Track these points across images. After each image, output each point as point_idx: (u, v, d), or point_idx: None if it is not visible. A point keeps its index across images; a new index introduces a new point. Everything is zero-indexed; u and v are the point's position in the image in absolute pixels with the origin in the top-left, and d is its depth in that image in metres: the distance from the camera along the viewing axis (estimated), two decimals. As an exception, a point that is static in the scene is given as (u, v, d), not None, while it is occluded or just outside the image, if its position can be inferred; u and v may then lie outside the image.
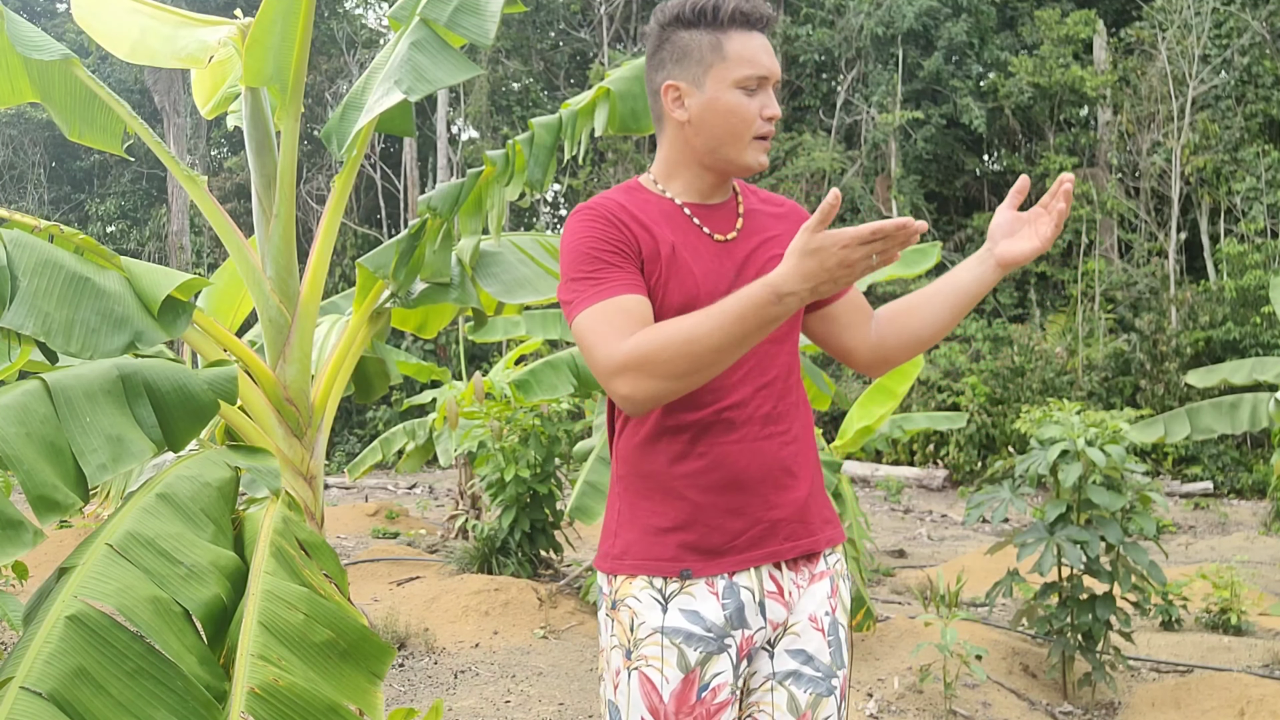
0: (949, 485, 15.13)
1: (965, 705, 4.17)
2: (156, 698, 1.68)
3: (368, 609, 5.78)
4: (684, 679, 1.60)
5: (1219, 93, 18.15)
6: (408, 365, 5.99)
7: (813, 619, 1.69)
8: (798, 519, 1.68)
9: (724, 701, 1.61)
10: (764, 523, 1.65)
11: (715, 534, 1.62)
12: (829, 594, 1.72)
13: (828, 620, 1.70)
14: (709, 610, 1.61)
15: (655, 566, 1.64)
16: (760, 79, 1.63)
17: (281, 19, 2.49)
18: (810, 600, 1.70)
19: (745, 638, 1.63)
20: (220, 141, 25.07)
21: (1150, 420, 8.44)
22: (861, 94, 20.86)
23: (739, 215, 1.72)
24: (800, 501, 1.68)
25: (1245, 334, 15.49)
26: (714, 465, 1.62)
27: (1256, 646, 5.16)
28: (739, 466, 1.63)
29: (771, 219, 1.76)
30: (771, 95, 1.66)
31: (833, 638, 1.70)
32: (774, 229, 1.74)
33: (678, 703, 1.60)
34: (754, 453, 1.64)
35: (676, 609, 1.61)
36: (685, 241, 1.66)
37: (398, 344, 16.20)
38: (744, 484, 1.63)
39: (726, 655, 1.61)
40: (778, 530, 1.66)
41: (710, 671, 1.60)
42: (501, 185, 2.98)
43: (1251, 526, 10.86)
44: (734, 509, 1.63)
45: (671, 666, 1.60)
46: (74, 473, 1.88)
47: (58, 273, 1.99)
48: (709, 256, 1.66)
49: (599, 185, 20.81)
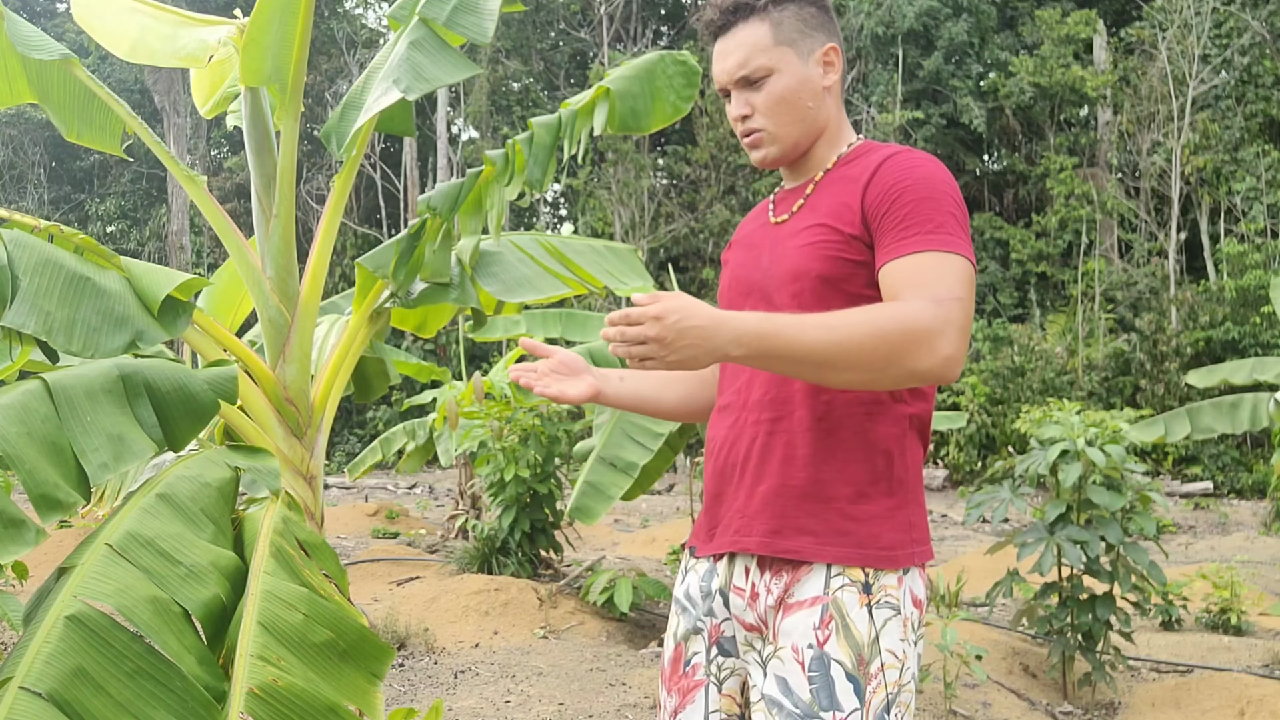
0: (949, 485, 15.13)
1: (965, 705, 4.17)
2: (156, 698, 1.68)
3: (368, 609, 5.78)
4: (676, 648, 1.70)
5: (1219, 93, 18.15)
6: (407, 365, 5.98)
7: (794, 649, 1.50)
8: (758, 513, 1.55)
9: (699, 681, 1.65)
10: (732, 510, 1.61)
11: (709, 514, 1.67)
12: (817, 624, 1.48)
13: (810, 654, 1.48)
14: (693, 587, 1.68)
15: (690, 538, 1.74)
16: (720, 89, 1.68)
17: (279, 18, 2.48)
18: (794, 626, 1.51)
19: (714, 625, 1.65)
20: (220, 141, 25.08)
21: (1150, 420, 8.45)
22: (861, 94, 20.85)
23: (804, 196, 1.66)
24: (769, 495, 1.55)
25: (1245, 334, 15.50)
26: (711, 450, 1.68)
27: (1256, 646, 5.16)
28: (724, 452, 1.64)
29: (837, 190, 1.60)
30: (734, 99, 1.65)
31: (816, 674, 1.47)
32: (825, 207, 1.59)
33: (670, 668, 1.70)
34: (735, 438, 1.62)
35: (684, 581, 1.71)
36: (752, 232, 1.74)
37: (398, 344, 16.20)
38: (726, 470, 1.63)
39: (701, 637, 1.66)
40: (733, 523, 1.59)
41: (691, 649, 1.67)
42: (501, 185, 2.98)
43: (1251, 526, 10.86)
44: (718, 493, 1.65)
45: (672, 634, 1.71)
46: (75, 472, 1.88)
47: (58, 272, 1.99)
48: (762, 240, 1.70)
49: (599, 185, 20.81)
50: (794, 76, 1.61)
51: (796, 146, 1.65)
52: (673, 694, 1.67)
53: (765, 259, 1.64)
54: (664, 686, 1.71)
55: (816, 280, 1.53)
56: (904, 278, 1.43)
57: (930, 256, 1.42)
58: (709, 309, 1.35)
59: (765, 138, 1.63)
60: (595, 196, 20.66)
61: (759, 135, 1.64)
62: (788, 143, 1.64)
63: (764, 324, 1.35)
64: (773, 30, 1.62)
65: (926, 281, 1.41)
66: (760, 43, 1.61)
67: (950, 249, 1.43)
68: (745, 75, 1.62)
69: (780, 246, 1.63)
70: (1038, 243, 19.10)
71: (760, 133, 1.63)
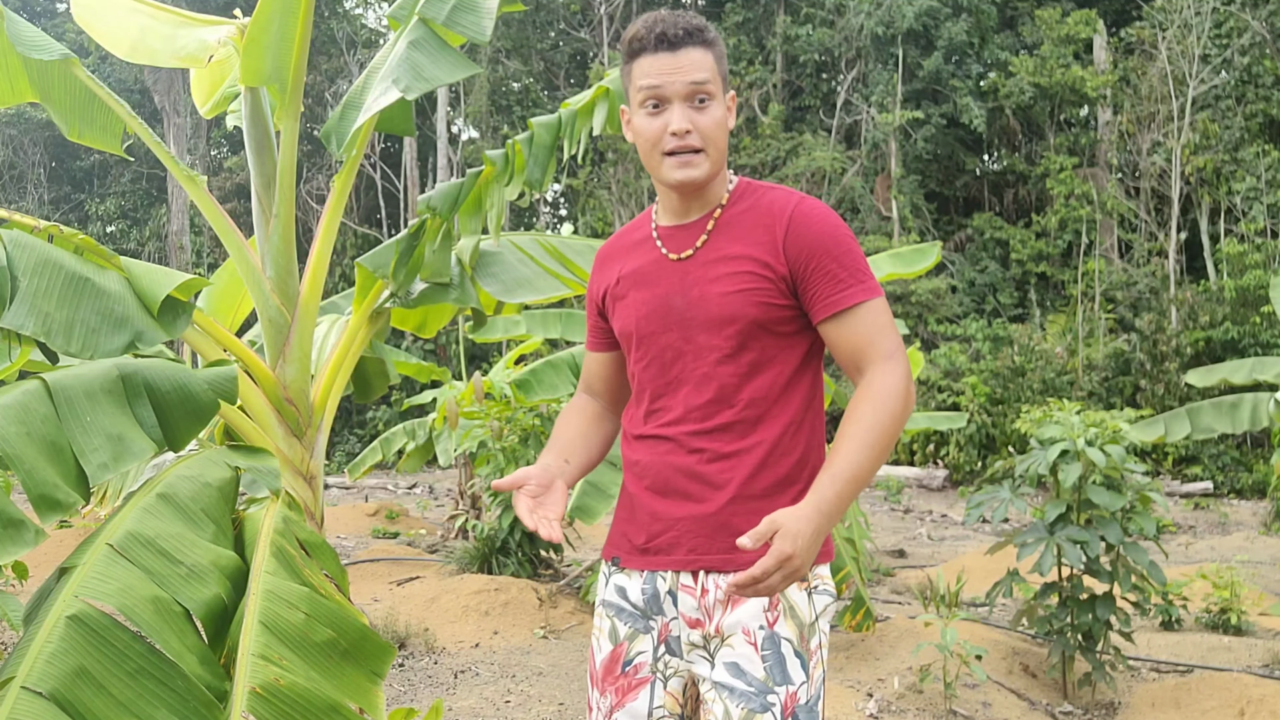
0: (949, 485, 15.14)
1: (965, 705, 4.17)
2: (157, 697, 1.68)
3: (368, 609, 5.78)
4: (612, 650, 1.76)
5: (1219, 93, 18.15)
6: (407, 365, 5.99)
7: (745, 631, 1.65)
8: (705, 534, 1.68)
9: (644, 679, 1.73)
10: (673, 532, 1.71)
11: (640, 532, 1.75)
12: (766, 607, 1.65)
13: (762, 634, 1.65)
14: (633, 591, 1.75)
15: (609, 549, 1.84)
16: (658, 95, 1.67)
17: (279, 18, 2.48)
18: (744, 613, 1.66)
19: (663, 624, 1.73)
20: (220, 141, 25.08)
21: (1150, 420, 8.44)
22: (861, 94, 20.86)
23: (706, 232, 1.72)
24: (707, 518, 1.68)
25: (1245, 334, 15.50)
26: (645, 472, 1.75)
27: (1256, 646, 5.16)
28: (663, 476, 1.72)
29: (742, 233, 1.71)
30: (677, 111, 1.65)
31: (769, 652, 1.64)
32: (736, 248, 1.69)
33: (604, 670, 1.76)
34: (676, 465, 1.71)
35: (613, 585, 1.79)
36: (644, 266, 1.77)
37: (398, 344, 16.20)
38: (665, 492, 1.72)
39: (650, 636, 1.74)
40: (682, 542, 1.70)
41: (635, 649, 1.74)
42: (501, 185, 2.98)
43: (1251, 526, 10.87)
44: (655, 513, 1.73)
45: (604, 637, 1.78)
46: (75, 472, 1.88)
47: (58, 273, 1.99)
48: (665, 276, 1.74)
49: (599, 185, 20.82)
50: (722, 111, 1.70)
51: (711, 177, 1.71)
52: (607, 694, 1.75)
53: (678, 298, 1.72)
54: (595, 687, 1.77)
55: (750, 324, 1.68)
56: (861, 335, 1.66)
57: (867, 307, 1.67)
58: (799, 512, 1.51)
59: (702, 158, 1.68)
60: (595, 196, 20.67)
61: (699, 155, 1.67)
62: (714, 170, 1.72)
63: (840, 488, 1.55)
64: (716, 63, 1.70)
65: (877, 335, 1.66)
66: (711, 69, 1.68)
67: (877, 293, 1.68)
68: (699, 91, 1.66)
69: (696, 287, 1.70)
70: (1038, 243, 19.10)
71: (701, 152, 1.67)
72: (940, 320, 18.28)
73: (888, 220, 19.62)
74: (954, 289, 18.91)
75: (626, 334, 1.78)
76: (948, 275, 19.03)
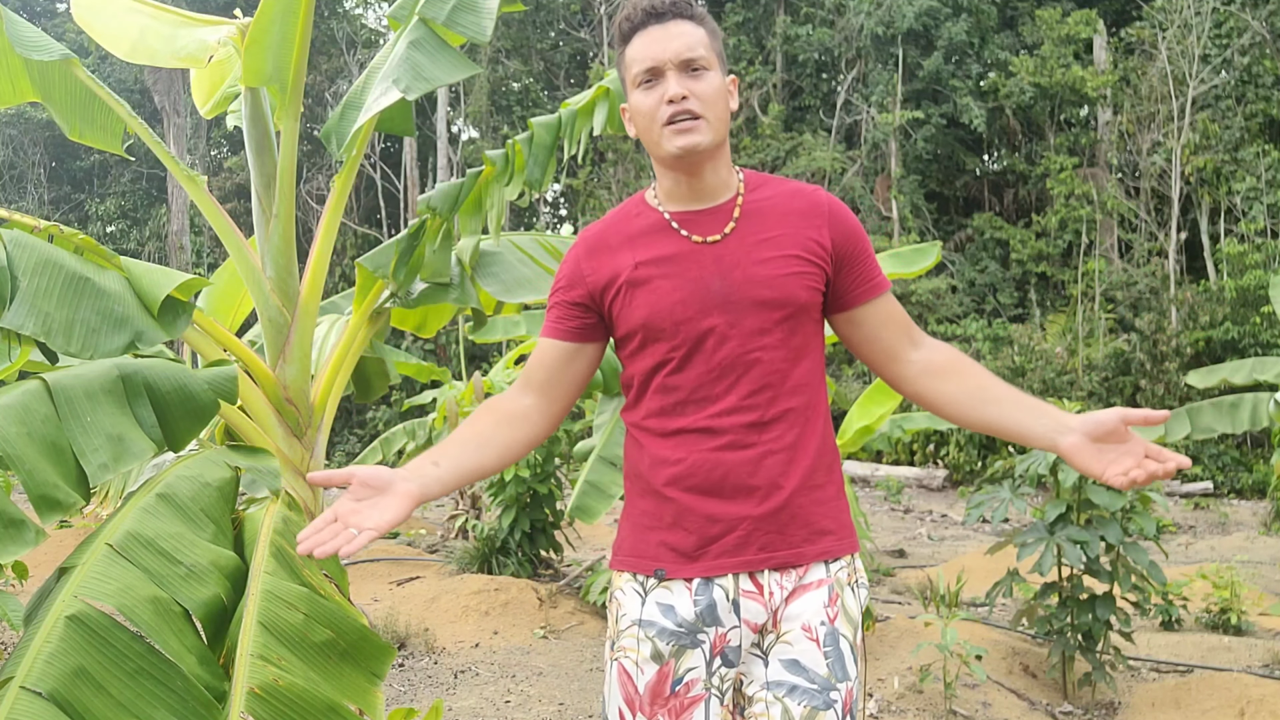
0: (949, 485, 15.13)
1: (965, 705, 4.17)
2: (157, 698, 1.68)
3: (368, 609, 5.78)
4: (658, 671, 1.64)
5: (1219, 93, 18.15)
6: (407, 365, 5.98)
7: (806, 628, 1.62)
8: (775, 530, 1.64)
9: (697, 696, 1.63)
10: (739, 531, 1.63)
11: (692, 537, 1.65)
12: (826, 602, 1.64)
13: (824, 630, 1.62)
14: (682, 605, 1.65)
15: (639, 563, 1.70)
16: (650, 70, 1.65)
17: (280, 18, 2.48)
18: (804, 607, 1.63)
19: (719, 635, 1.64)
20: (220, 141, 25.08)
21: (1150, 420, 8.42)
22: (861, 94, 20.86)
23: (734, 217, 1.69)
24: (776, 512, 1.63)
25: (1245, 334, 15.49)
26: (693, 470, 1.65)
27: (1256, 646, 5.16)
28: (717, 474, 1.64)
29: (777, 218, 1.69)
30: (672, 79, 1.63)
31: (830, 648, 1.62)
32: (776, 231, 1.68)
33: (652, 694, 1.64)
34: (734, 461, 1.63)
35: (653, 602, 1.67)
36: (663, 254, 1.68)
37: (398, 344, 16.20)
38: (721, 490, 1.64)
39: (700, 650, 1.64)
40: (752, 540, 1.63)
41: (684, 665, 1.64)
42: (501, 185, 2.98)
43: (1251, 526, 10.86)
44: (711, 515, 1.64)
45: (645, 658, 1.65)
46: (75, 472, 1.88)
47: (58, 273, 1.99)
48: (697, 260, 1.67)
49: (599, 185, 20.82)
50: (720, 81, 1.68)
51: (715, 146, 1.67)
52: (658, 717, 1.64)
53: (716, 281, 1.65)
54: (642, 713, 1.65)
55: (799, 308, 1.67)
56: (900, 314, 1.77)
57: (890, 295, 1.77)
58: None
59: (703, 124, 1.63)
60: (595, 196, 20.66)
61: (699, 121, 1.63)
62: (716, 138, 1.66)
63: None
64: (708, 37, 1.68)
65: (905, 320, 1.77)
66: (704, 42, 1.67)
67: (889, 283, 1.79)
68: (690, 59, 1.64)
69: (739, 269, 1.65)
70: (1038, 243, 19.10)
71: (701, 119, 1.63)
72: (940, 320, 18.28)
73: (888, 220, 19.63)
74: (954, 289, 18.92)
75: (651, 323, 1.66)
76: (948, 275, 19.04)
